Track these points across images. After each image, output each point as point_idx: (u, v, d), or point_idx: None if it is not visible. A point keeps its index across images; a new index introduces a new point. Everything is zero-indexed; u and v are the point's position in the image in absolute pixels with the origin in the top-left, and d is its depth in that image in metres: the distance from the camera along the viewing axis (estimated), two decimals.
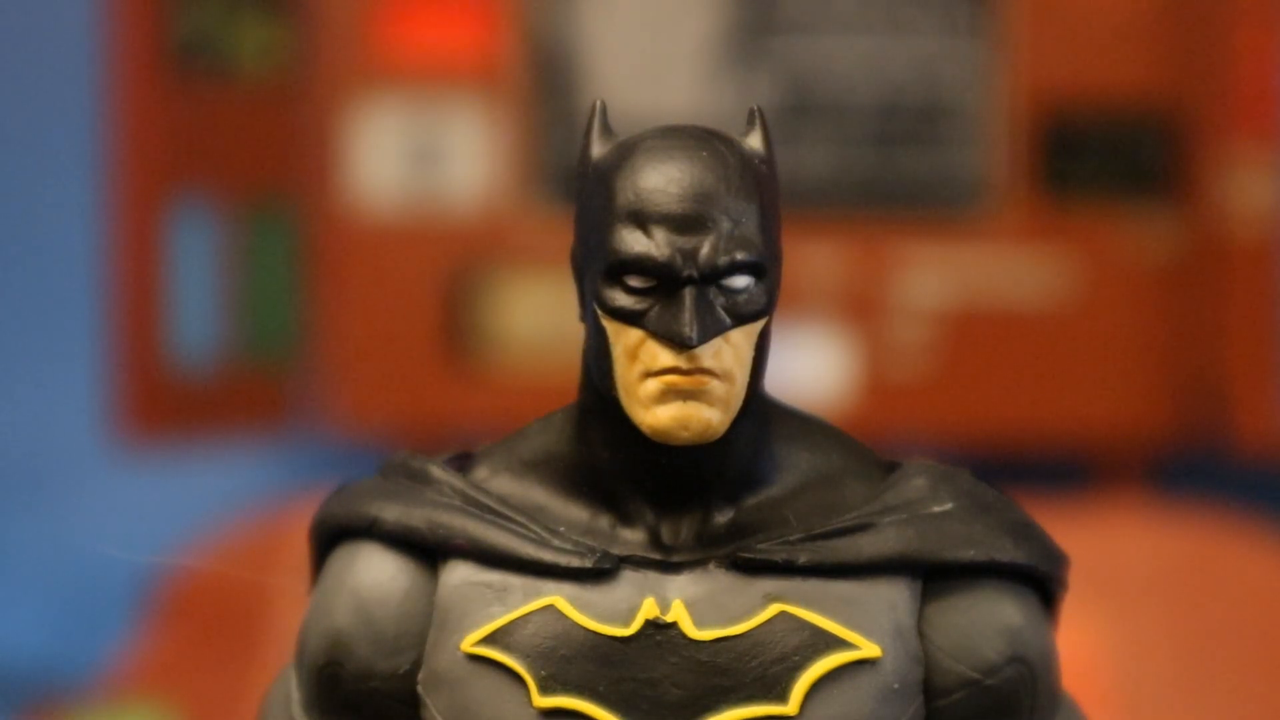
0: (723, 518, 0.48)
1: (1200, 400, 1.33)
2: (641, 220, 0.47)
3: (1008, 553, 0.48)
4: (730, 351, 0.47)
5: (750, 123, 0.49)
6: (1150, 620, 1.27)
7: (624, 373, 0.47)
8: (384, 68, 1.37)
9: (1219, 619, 1.28)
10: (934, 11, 1.36)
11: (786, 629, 0.47)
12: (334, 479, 0.52)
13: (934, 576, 0.48)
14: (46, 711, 1.30)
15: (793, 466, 0.49)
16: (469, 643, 0.48)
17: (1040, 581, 0.50)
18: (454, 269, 1.38)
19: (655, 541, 0.48)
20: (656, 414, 0.47)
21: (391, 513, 0.49)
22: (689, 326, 0.46)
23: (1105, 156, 1.36)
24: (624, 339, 0.47)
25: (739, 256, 0.47)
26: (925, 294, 1.36)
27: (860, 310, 1.37)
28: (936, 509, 0.48)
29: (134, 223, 1.34)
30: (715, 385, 0.47)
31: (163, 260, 1.35)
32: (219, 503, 1.44)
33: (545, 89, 1.37)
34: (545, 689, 0.47)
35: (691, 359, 0.46)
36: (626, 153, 0.48)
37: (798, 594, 0.47)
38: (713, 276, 0.46)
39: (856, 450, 0.50)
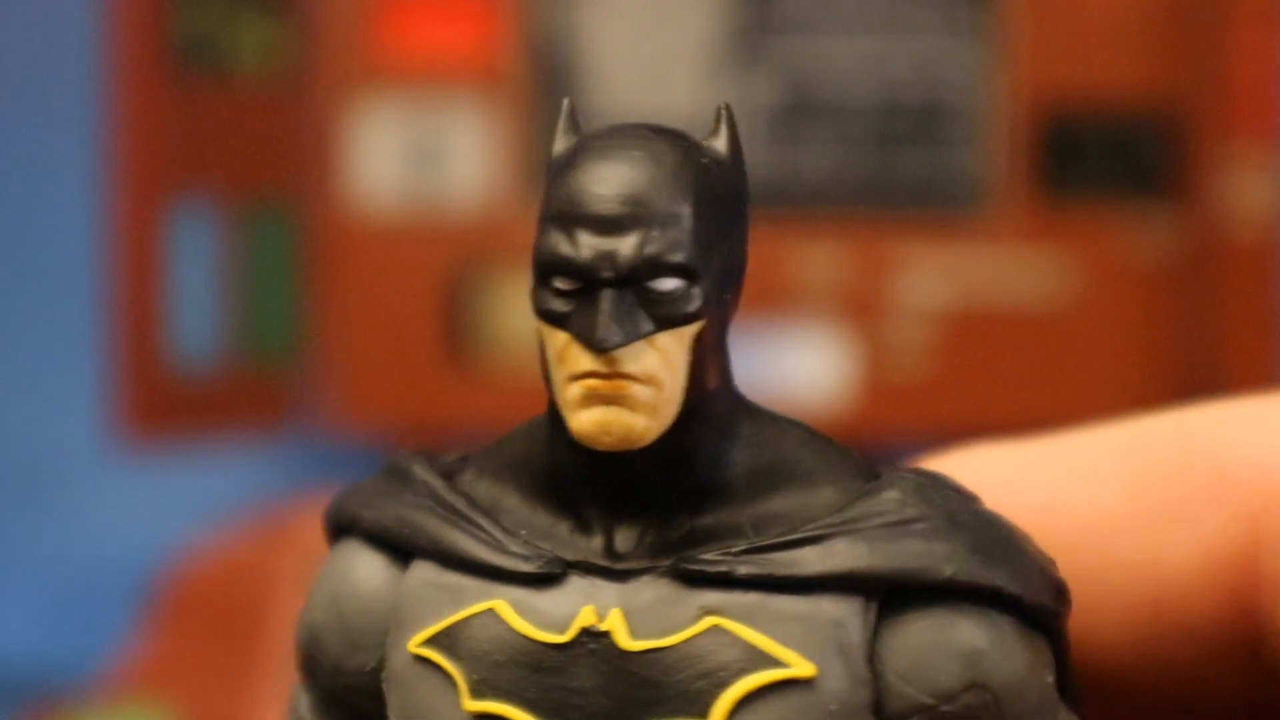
0: (679, 526, 0.46)
1: (1200, 400, 1.33)
2: (566, 221, 0.45)
3: (970, 572, 0.45)
4: (656, 356, 0.45)
5: (715, 121, 0.47)
6: None
7: (555, 376, 0.46)
8: (384, 68, 1.37)
9: None
10: (934, 11, 1.36)
11: (717, 644, 0.45)
12: (334, 479, 0.52)
13: (895, 595, 0.45)
14: (46, 711, 1.30)
15: (759, 475, 0.47)
16: (414, 643, 0.47)
17: (1024, 607, 0.46)
18: (454, 269, 1.38)
19: (609, 548, 0.47)
20: (580, 418, 0.45)
21: (369, 511, 0.49)
22: (602, 330, 0.44)
23: (1105, 156, 1.36)
24: (553, 342, 0.46)
25: (660, 258, 0.45)
26: (925, 294, 1.36)
27: (860, 310, 1.37)
28: (900, 524, 0.46)
29: (134, 223, 1.34)
30: (638, 390, 0.45)
31: (163, 260, 1.35)
32: (219, 503, 1.44)
33: (545, 89, 1.37)
34: (476, 693, 0.46)
35: (610, 363, 0.45)
36: (571, 152, 0.47)
37: (735, 608, 0.45)
38: (631, 278, 0.45)
39: (835, 458, 0.48)
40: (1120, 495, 0.53)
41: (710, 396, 0.46)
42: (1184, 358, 1.34)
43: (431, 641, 0.47)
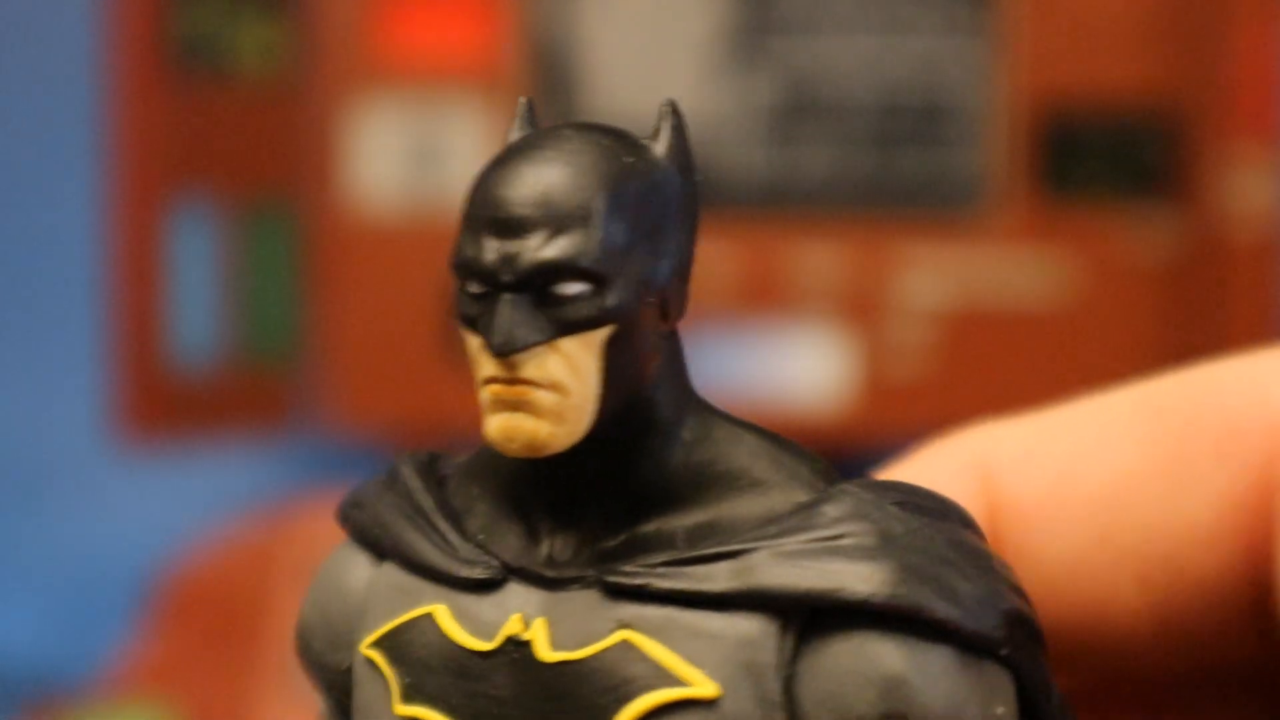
0: (617, 534, 0.45)
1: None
2: (476, 224, 0.45)
3: (890, 595, 0.43)
4: (559, 362, 0.44)
5: (658, 119, 0.46)
6: None
7: (475, 379, 0.45)
8: (384, 68, 1.37)
9: None
10: (934, 11, 1.36)
11: (624, 659, 0.43)
12: (333, 479, 0.52)
13: (822, 616, 0.43)
14: (46, 711, 1.30)
15: (704, 483, 0.45)
16: (365, 644, 0.47)
17: (956, 633, 0.44)
18: None
19: (550, 556, 0.46)
20: (489, 423, 0.45)
21: (357, 511, 0.49)
22: (498, 335, 0.44)
23: (1105, 156, 1.36)
24: (470, 345, 0.45)
25: (562, 262, 0.43)
26: (925, 294, 1.36)
27: (860, 310, 1.37)
28: (825, 541, 0.43)
29: (134, 223, 1.34)
30: (541, 396, 0.44)
31: (163, 260, 1.35)
32: (219, 503, 1.44)
33: (545, 89, 1.37)
34: (406, 697, 0.45)
35: (511, 368, 0.44)
36: (495, 154, 0.46)
37: (647, 622, 0.43)
38: (530, 282, 0.44)
39: (789, 468, 0.46)
40: (1131, 457, 0.52)
41: (643, 401, 0.45)
42: (1184, 358, 1.34)
43: (377, 643, 0.46)
